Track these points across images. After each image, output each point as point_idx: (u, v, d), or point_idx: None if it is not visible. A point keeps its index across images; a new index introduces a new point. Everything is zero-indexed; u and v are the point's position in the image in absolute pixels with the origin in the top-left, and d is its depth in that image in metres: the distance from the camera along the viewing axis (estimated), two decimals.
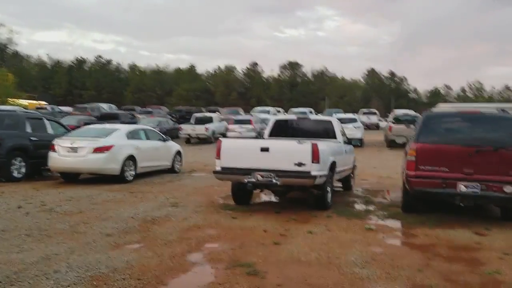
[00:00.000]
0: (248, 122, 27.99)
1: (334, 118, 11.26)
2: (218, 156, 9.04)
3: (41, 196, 10.23)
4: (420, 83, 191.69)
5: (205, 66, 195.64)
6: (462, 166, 7.95)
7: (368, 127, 37.85)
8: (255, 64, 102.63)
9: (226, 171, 9.00)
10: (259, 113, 37.93)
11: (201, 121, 29.27)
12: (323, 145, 8.82)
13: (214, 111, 38.38)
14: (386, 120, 41.44)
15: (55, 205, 9.32)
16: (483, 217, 9.01)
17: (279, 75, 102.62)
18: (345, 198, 10.79)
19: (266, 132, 11.34)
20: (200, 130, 28.07)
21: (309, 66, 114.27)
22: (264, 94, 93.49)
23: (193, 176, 14.57)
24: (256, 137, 27.05)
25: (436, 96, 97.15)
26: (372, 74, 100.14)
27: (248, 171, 8.76)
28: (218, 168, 9.06)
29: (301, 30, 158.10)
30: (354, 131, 24.77)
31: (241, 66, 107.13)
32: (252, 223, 8.11)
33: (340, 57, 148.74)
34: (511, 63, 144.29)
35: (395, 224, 8.30)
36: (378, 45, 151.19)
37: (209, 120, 29.44)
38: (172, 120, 32.20)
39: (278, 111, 42.74)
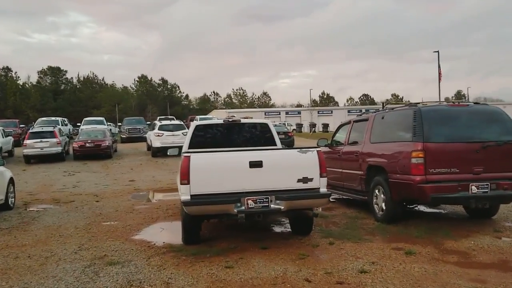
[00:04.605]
0: (51, 134, 22.73)
1: (269, 121, 9.29)
2: (185, 179, 6.12)
3: None
4: (190, 90, 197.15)
5: None
6: (471, 165, 7.16)
7: None
8: (8, 69, 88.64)
9: (202, 201, 6.15)
10: (44, 125, 31.68)
11: None
12: None
13: None
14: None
15: None
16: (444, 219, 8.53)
17: (38, 82, 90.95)
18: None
19: (185, 143, 8.62)
20: None
21: (75, 72, 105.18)
22: (23, 103, 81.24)
23: (45, 211, 10.45)
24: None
25: (206, 102, 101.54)
26: (143, 81, 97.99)
27: (234, 197, 6.16)
28: (186, 197, 6.14)
29: (52, 36, 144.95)
30: (184, 138, 22.72)
31: None
32: (264, 270, 5.71)
33: (102, 64, 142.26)
34: (257, 74, 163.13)
35: (412, 241, 6.91)
36: (140, 54, 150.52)
37: None
38: None
39: (65, 123, 36.88)
